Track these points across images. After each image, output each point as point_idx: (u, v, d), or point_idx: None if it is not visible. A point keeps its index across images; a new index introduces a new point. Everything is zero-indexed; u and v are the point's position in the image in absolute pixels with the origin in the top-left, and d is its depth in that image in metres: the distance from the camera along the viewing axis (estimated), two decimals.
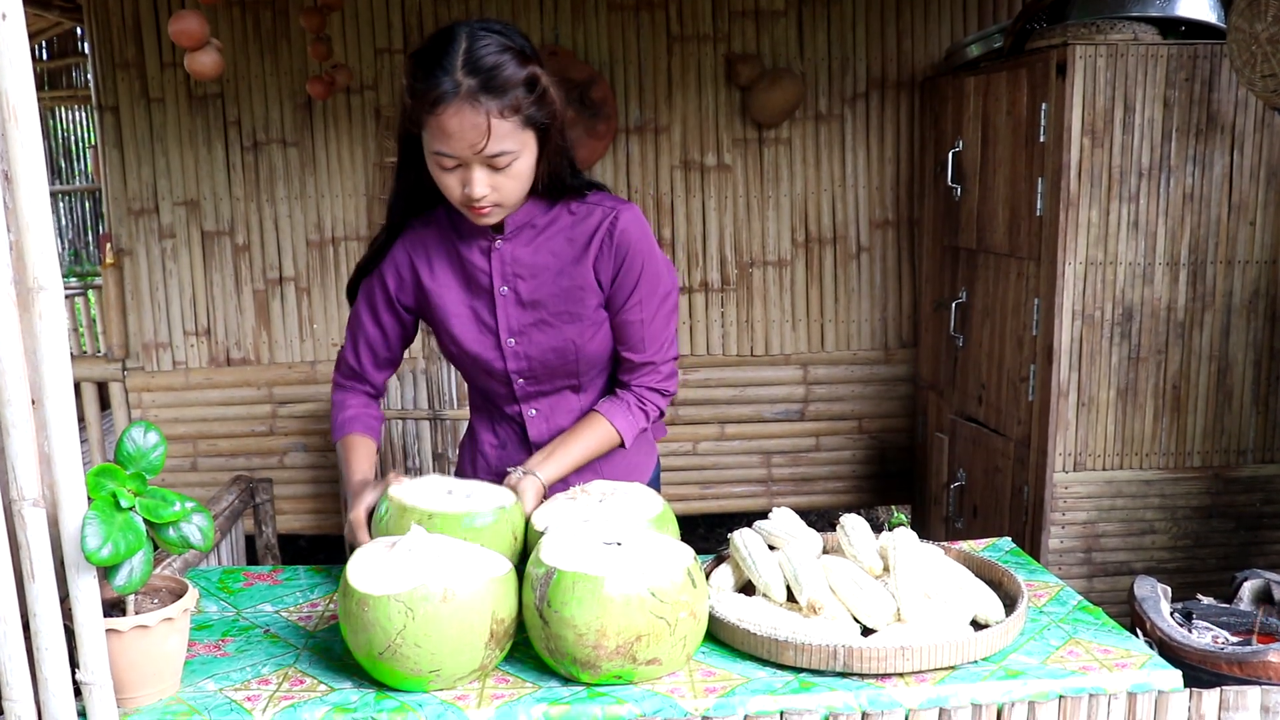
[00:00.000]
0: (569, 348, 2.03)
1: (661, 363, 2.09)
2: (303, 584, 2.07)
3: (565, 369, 2.06)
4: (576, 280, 1.99)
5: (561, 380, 2.09)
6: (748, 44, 4.33)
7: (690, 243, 4.44)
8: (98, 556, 1.41)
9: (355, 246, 4.36)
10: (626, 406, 2.09)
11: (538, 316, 2.02)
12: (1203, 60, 3.15)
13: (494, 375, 2.08)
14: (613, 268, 1.98)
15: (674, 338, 2.11)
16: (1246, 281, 3.29)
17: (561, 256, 1.99)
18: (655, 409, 2.12)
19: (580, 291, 2.00)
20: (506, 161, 1.80)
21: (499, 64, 1.74)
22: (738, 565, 1.92)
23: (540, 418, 2.14)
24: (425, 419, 4.15)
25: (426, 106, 1.75)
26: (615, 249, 1.97)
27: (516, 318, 2.02)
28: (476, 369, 2.09)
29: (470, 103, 1.73)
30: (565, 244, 1.99)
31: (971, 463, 3.85)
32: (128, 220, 4.31)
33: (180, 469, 4.45)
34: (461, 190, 1.83)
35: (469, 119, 1.74)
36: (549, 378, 2.08)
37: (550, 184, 1.93)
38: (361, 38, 4.25)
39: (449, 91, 1.72)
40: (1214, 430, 3.37)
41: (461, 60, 1.73)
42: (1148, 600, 2.66)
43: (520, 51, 1.78)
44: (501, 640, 1.63)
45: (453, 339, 2.06)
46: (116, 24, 4.18)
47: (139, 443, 1.56)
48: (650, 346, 2.06)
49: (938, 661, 1.63)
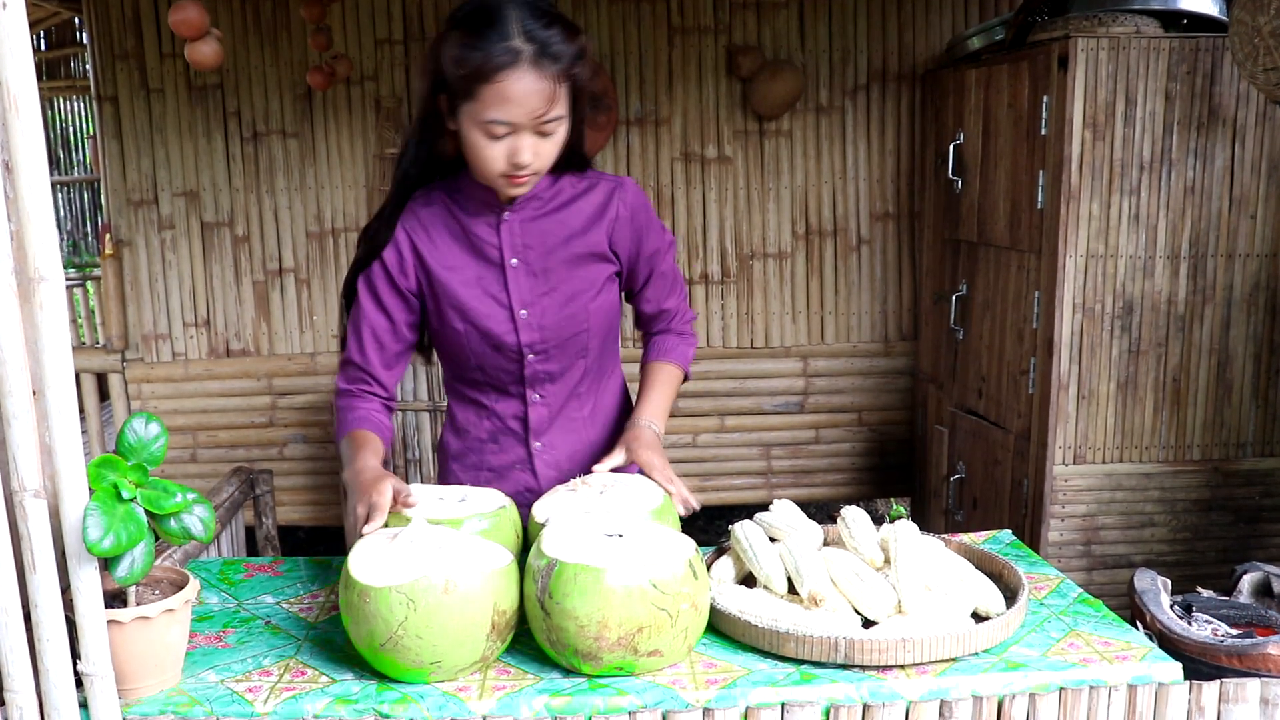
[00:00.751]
0: (581, 314, 2.06)
1: (684, 297, 2.28)
2: (303, 575, 2.08)
3: (576, 340, 2.09)
4: (587, 249, 2.04)
5: (571, 355, 2.11)
6: (749, 36, 4.33)
7: (690, 235, 4.44)
8: (99, 548, 1.41)
9: (354, 238, 4.34)
10: (678, 340, 2.26)
11: (548, 286, 2.04)
12: (1204, 53, 3.15)
13: (504, 351, 2.07)
14: (632, 237, 2.08)
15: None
16: (1247, 275, 3.29)
17: (569, 226, 2.03)
18: (693, 334, 2.30)
19: (590, 259, 2.05)
20: (554, 127, 1.85)
21: (554, 32, 1.79)
22: (739, 557, 1.93)
23: (543, 405, 2.14)
24: (425, 410, 4.15)
25: (486, 74, 1.76)
26: (632, 219, 2.07)
27: (528, 288, 2.03)
28: (485, 346, 2.07)
29: (535, 68, 1.77)
30: (573, 214, 2.04)
31: (971, 456, 3.85)
32: (127, 211, 4.30)
33: (180, 460, 4.45)
34: (507, 160, 1.84)
35: (533, 84, 1.77)
36: (559, 352, 2.09)
37: (569, 154, 1.96)
38: (362, 29, 4.24)
39: (511, 59, 1.75)
40: (1214, 423, 3.37)
41: (520, 29, 1.77)
42: (1147, 593, 2.66)
43: (566, 21, 1.83)
44: (503, 632, 1.63)
45: (463, 314, 2.04)
46: (116, 14, 4.17)
47: (140, 434, 1.56)
48: (678, 288, 2.23)
49: (939, 654, 1.63)
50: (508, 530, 1.82)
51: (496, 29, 1.76)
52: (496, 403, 2.16)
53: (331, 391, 4.23)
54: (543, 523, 1.81)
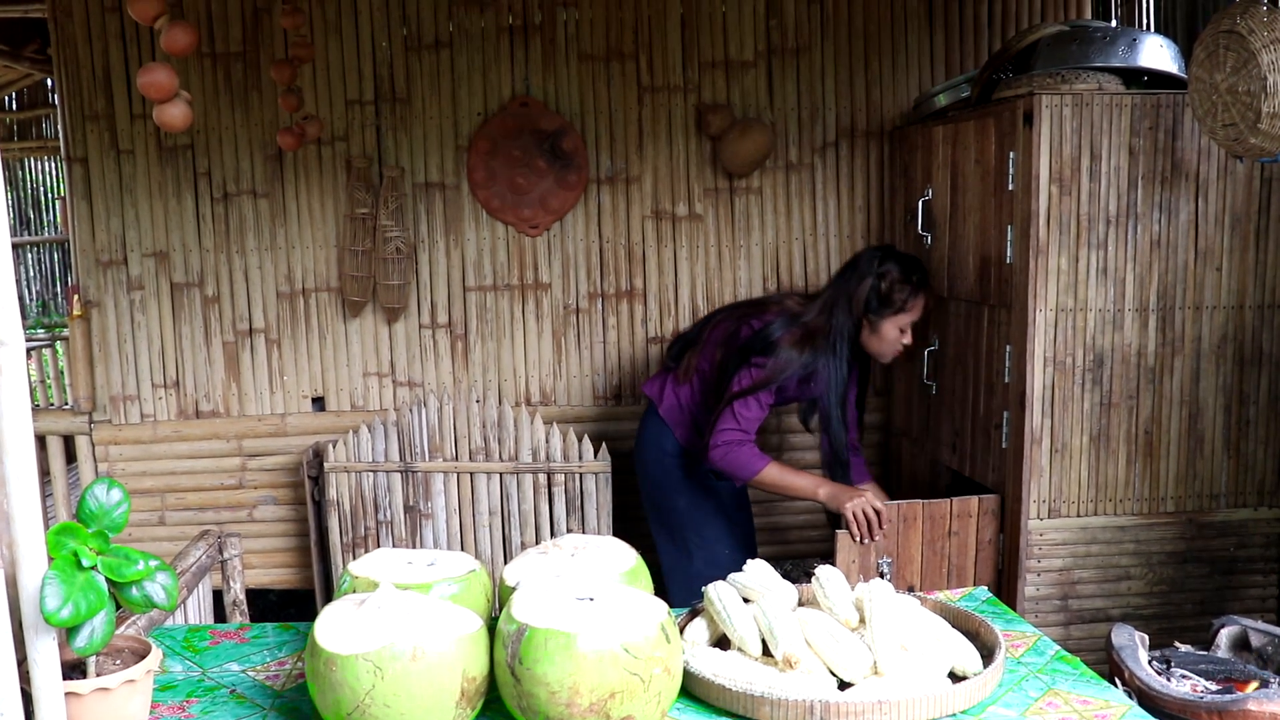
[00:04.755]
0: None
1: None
2: (270, 642, 2.04)
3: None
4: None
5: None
6: (718, 94, 4.37)
7: (662, 292, 4.45)
8: (57, 618, 1.38)
9: (326, 298, 4.34)
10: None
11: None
12: (1166, 109, 3.20)
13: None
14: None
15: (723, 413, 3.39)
16: (1215, 327, 3.31)
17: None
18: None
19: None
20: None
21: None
22: (712, 619, 1.90)
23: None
24: (396, 471, 4.12)
25: (917, 300, 3.43)
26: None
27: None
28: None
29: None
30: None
31: None
32: (96, 272, 4.28)
33: (148, 523, 4.39)
34: (901, 343, 3.46)
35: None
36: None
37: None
38: (333, 90, 4.26)
39: (919, 287, 3.43)
40: (1186, 475, 3.37)
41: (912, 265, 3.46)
42: (1125, 649, 2.65)
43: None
44: (473, 699, 1.60)
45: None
46: (86, 76, 4.17)
47: (102, 500, 1.53)
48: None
49: (916, 716, 1.61)
50: (478, 594, 1.80)
51: (914, 270, 3.46)
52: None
53: (303, 451, 4.21)
54: (513, 586, 1.79)
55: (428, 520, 4.16)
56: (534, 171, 4.30)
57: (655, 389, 3.68)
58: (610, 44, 4.33)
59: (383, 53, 4.27)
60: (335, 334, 4.38)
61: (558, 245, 4.40)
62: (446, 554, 1.90)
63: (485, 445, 4.13)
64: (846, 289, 3.42)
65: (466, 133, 4.31)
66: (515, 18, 4.30)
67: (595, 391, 4.50)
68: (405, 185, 4.29)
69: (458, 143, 4.32)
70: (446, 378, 4.43)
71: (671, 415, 3.59)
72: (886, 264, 3.41)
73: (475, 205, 4.35)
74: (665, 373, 3.71)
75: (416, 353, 4.42)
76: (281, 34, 4.15)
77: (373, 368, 4.41)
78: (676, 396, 3.61)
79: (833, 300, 3.42)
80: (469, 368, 4.44)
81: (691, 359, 3.59)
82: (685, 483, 3.59)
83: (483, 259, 4.38)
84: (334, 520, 4.14)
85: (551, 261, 4.41)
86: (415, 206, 4.33)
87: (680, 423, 3.59)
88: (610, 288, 4.44)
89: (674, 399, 3.61)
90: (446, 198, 4.34)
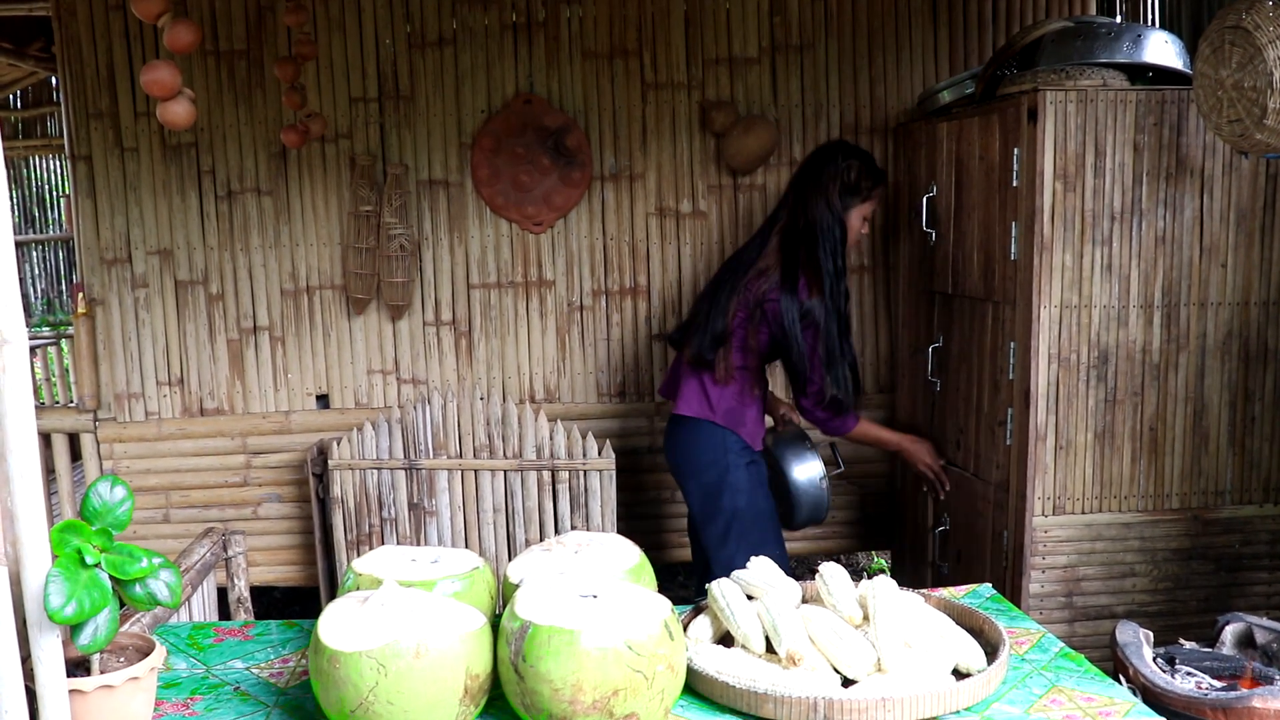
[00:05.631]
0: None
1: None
2: (274, 639, 2.04)
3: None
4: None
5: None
6: (722, 91, 4.36)
7: (666, 289, 4.45)
8: (61, 615, 1.38)
9: (330, 295, 4.35)
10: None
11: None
12: (1170, 105, 3.19)
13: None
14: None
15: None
16: (1219, 323, 3.31)
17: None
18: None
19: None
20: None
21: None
22: (716, 616, 1.90)
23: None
24: (400, 468, 4.12)
25: (879, 189, 3.57)
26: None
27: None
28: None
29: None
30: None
31: (954, 508, 3.84)
32: (100, 270, 4.28)
33: (152, 520, 4.39)
34: (861, 232, 3.61)
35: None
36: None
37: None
38: (336, 87, 4.26)
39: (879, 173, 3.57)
40: (1191, 472, 3.37)
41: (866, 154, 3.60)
42: (1130, 646, 2.65)
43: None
44: (476, 696, 1.60)
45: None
46: (90, 74, 4.17)
47: (105, 498, 1.53)
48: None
49: (919, 713, 1.61)
50: (481, 592, 1.80)
51: (872, 161, 3.60)
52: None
53: (307, 449, 4.22)
54: (517, 583, 1.79)
55: (432, 517, 4.16)
56: (538, 169, 4.30)
57: (694, 403, 3.54)
58: (614, 41, 4.33)
59: (386, 50, 4.27)
60: (339, 331, 4.39)
61: (561, 242, 4.40)
62: (450, 551, 1.90)
63: (489, 442, 4.13)
64: (820, 190, 3.49)
65: (470, 130, 4.31)
66: (519, 15, 4.30)
67: (599, 389, 4.50)
68: (409, 182, 4.30)
69: (461, 140, 4.32)
70: (451, 375, 4.43)
71: (729, 418, 3.49)
72: (849, 158, 3.53)
73: (479, 202, 4.35)
74: (694, 375, 3.56)
75: (421, 350, 4.42)
76: (285, 31, 4.15)
77: (377, 365, 4.41)
78: (725, 399, 3.50)
79: (812, 218, 3.48)
80: (473, 365, 4.44)
81: (725, 358, 3.48)
82: (749, 481, 3.53)
83: (487, 256, 4.39)
84: (338, 517, 4.15)
85: (555, 259, 4.41)
86: (419, 204, 4.33)
87: (738, 421, 3.50)
88: (614, 285, 4.44)
89: (724, 401, 3.50)
90: (450, 195, 4.34)
